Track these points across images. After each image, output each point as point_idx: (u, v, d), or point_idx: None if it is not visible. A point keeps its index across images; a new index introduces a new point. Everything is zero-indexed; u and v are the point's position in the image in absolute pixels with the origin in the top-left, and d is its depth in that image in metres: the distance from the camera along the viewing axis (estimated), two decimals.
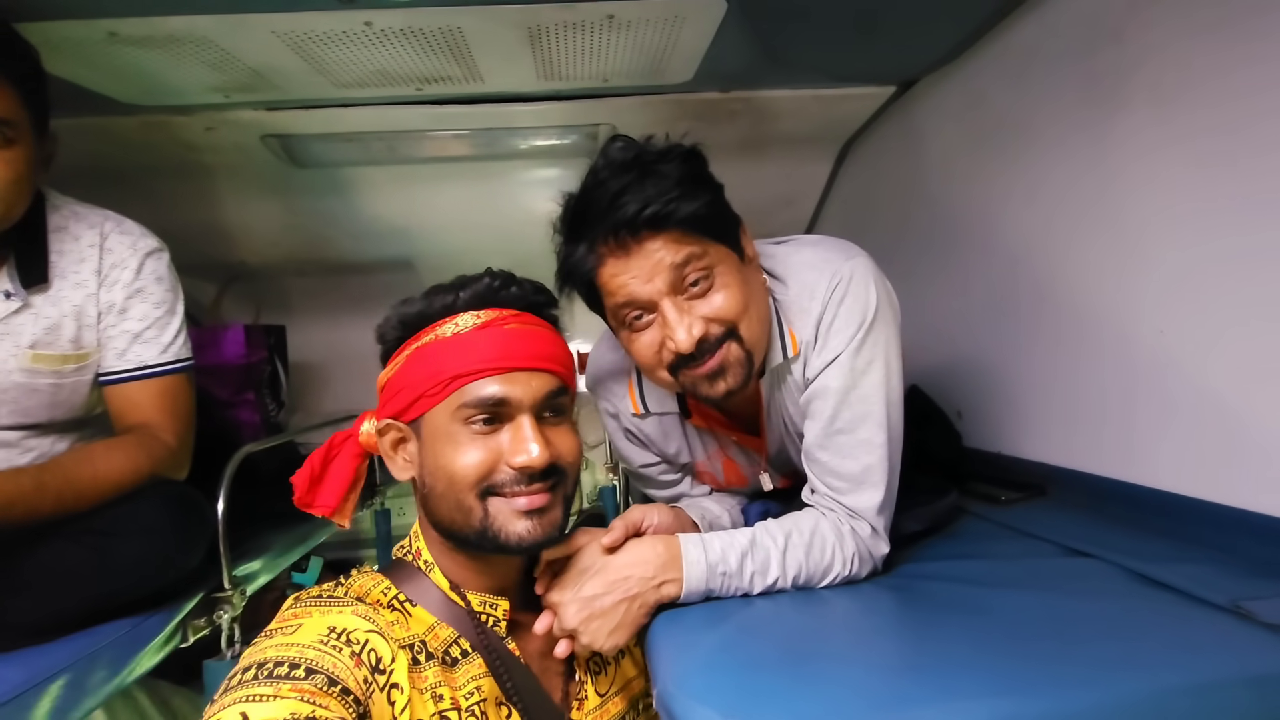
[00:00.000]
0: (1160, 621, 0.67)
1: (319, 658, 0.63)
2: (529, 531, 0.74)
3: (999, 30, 1.25)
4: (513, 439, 0.74)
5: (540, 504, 0.75)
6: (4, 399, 1.04)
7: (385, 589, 0.77)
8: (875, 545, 0.87)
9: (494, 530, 0.74)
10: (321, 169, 1.76)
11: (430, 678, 0.71)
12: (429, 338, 0.76)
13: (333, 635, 0.66)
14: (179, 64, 1.17)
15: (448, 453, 0.74)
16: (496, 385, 0.74)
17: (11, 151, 0.93)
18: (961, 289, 1.49)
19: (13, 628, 0.91)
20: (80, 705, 0.90)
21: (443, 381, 0.74)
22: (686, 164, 0.84)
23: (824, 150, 1.92)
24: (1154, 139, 0.97)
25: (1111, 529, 0.97)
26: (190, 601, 1.13)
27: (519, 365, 0.75)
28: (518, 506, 0.74)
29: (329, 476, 0.83)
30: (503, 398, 0.74)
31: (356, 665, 0.64)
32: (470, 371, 0.73)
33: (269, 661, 0.61)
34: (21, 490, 0.89)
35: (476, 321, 0.76)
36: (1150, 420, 1.01)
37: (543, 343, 0.79)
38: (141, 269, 1.11)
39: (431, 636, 0.75)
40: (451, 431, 0.74)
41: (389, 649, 0.68)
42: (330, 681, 0.61)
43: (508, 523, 0.74)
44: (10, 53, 0.93)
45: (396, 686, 0.67)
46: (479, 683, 0.75)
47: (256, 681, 0.59)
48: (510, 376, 0.74)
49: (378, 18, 1.06)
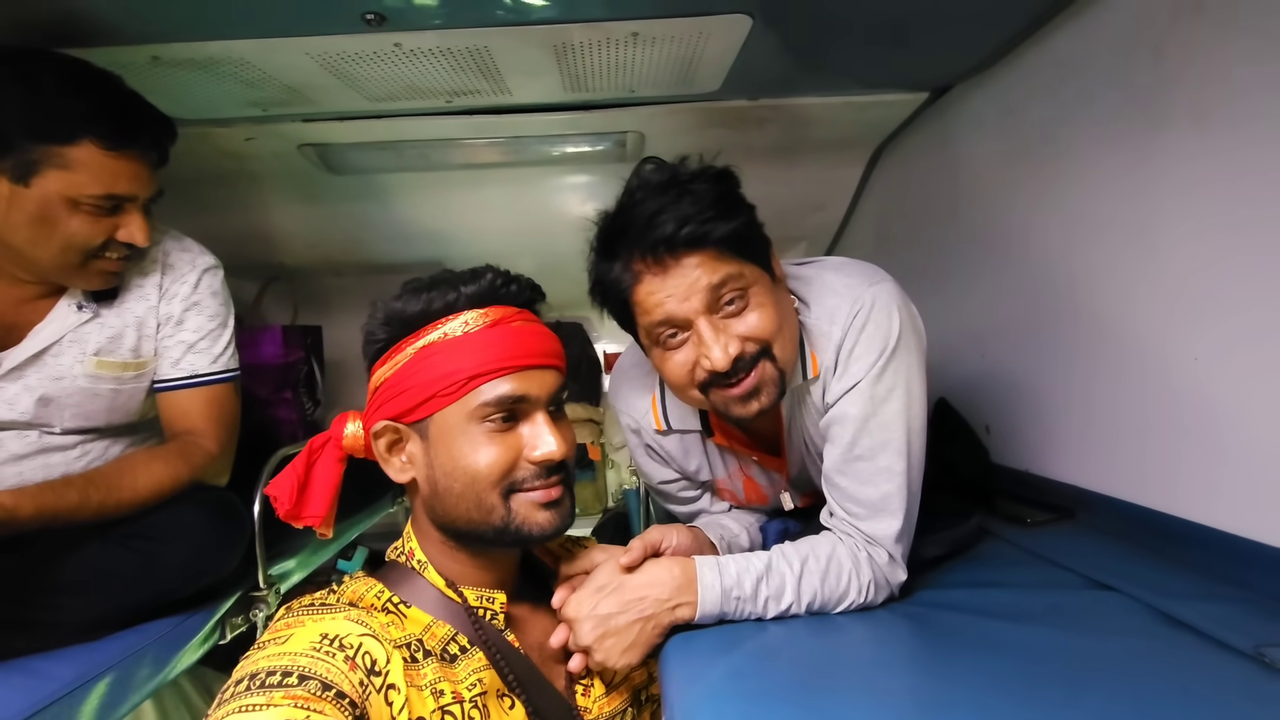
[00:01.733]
0: (1178, 665, 0.66)
1: (311, 664, 0.63)
2: (549, 522, 0.78)
3: (1035, 40, 1.22)
4: (533, 434, 0.77)
5: (557, 495, 0.78)
6: (68, 403, 1.10)
7: (378, 593, 0.78)
8: (892, 573, 0.87)
9: (516, 524, 0.76)
10: (356, 175, 1.80)
11: (429, 675, 0.71)
12: (435, 336, 0.76)
13: (325, 642, 0.66)
14: (219, 83, 1.21)
15: (466, 452, 0.75)
16: (514, 383, 0.75)
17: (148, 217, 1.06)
18: (993, 300, 1.46)
19: (63, 626, 0.96)
20: (126, 701, 0.96)
21: (459, 381, 0.74)
22: (721, 184, 0.84)
23: (855, 155, 1.89)
24: (1194, 155, 0.94)
25: (1137, 560, 0.95)
26: (228, 600, 1.18)
27: (532, 363, 0.77)
28: (537, 499, 0.77)
29: (314, 484, 0.82)
30: (522, 394, 0.76)
31: (351, 669, 0.64)
32: (488, 371, 0.75)
33: (260, 671, 0.61)
34: (68, 505, 0.94)
35: (485, 320, 0.76)
36: (1182, 448, 0.98)
37: (546, 339, 0.81)
38: (199, 284, 1.17)
39: (428, 635, 0.76)
40: (468, 430, 0.75)
41: (383, 651, 0.68)
42: (324, 686, 0.61)
43: (530, 515, 0.77)
44: (157, 139, 1.05)
45: (393, 687, 0.67)
46: (480, 675, 0.75)
47: (249, 692, 0.59)
48: (525, 374, 0.76)
49: (407, 39, 1.08)
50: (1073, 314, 1.21)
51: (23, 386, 1.06)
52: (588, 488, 4.26)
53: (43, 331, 1.06)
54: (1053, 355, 1.28)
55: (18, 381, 1.06)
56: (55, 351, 1.07)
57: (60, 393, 1.08)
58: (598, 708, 0.85)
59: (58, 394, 1.08)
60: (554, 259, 2.38)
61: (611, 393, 1.10)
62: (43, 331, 1.06)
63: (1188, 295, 0.96)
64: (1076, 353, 1.21)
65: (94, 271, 1.06)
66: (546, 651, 0.84)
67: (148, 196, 1.06)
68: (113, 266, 1.07)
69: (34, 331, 1.06)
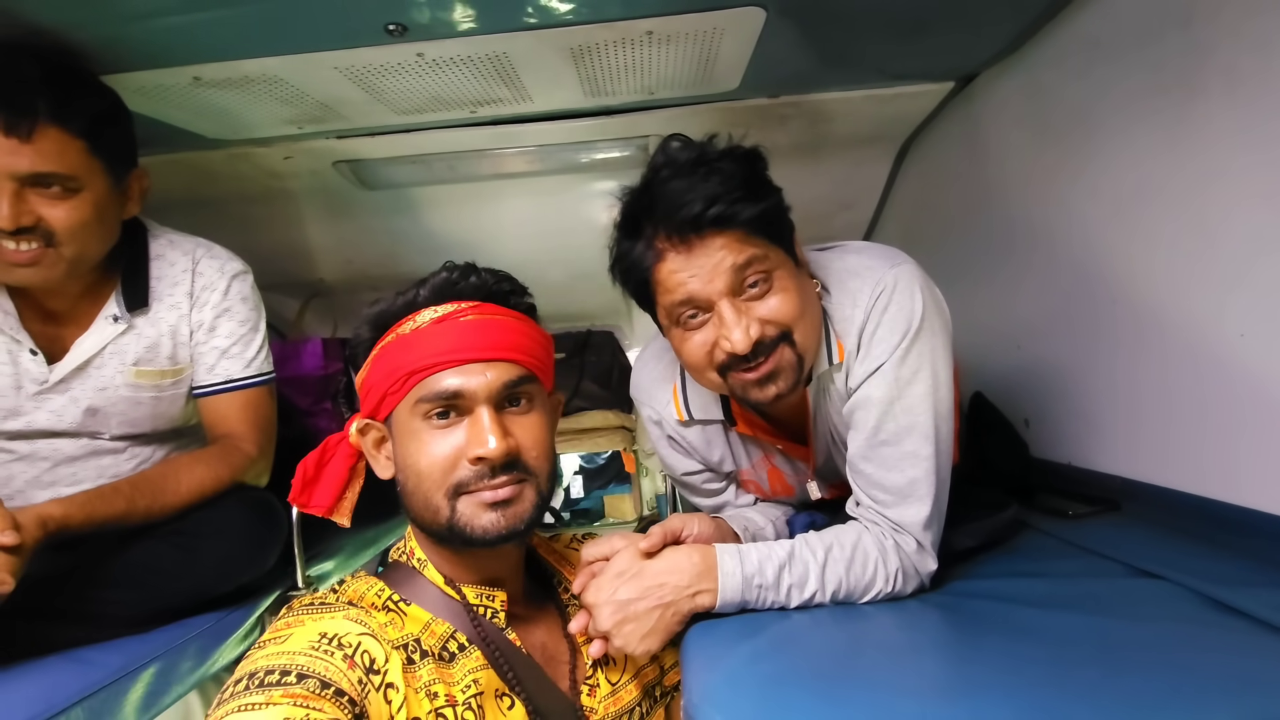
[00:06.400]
0: (1224, 651, 0.62)
1: (310, 663, 0.63)
2: (494, 524, 0.75)
3: (1060, 20, 1.19)
4: (470, 432, 0.75)
5: (506, 496, 0.75)
6: (113, 411, 1.15)
7: (379, 591, 0.78)
8: (921, 561, 0.84)
9: (460, 524, 0.75)
10: (389, 190, 1.86)
11: (424, 676, 0.71)
12: (392, 337, 0.78)
13: (324, 640, 0.67)
14: (256, 101, 1.26)
15: (412, 449, 0.76)
16: (451, 378, 0.74)
17: (77, 199, 0.98)
18: (1028, 290, 1.42)
19: (112, 619, 1.00)
20: (170, 691, 1.00)
21: (401, 378, 0.75)
22: (749, 164, 0.84)
23: (882, 151, 1.86)
24: (1230, 126, 0.90)
25: (1187, 548, 0.90)
26: (268, 598, 1.22)
27: (474, 357, 0.75)
28: (484, 500, 0.75)
29: (324, 477, 0.85)
30: (457, 390, 0.74)
31: (350, 667, 0.65)
32: (425, 366, 0.75)
33: (260, 671, 0.62)
34: (116, 511, 0.99)
35: (434, 316, 0.77)
36: (1232, 430, 0.93)
37: (503, 331, 0.78)
38: (229, 290, 1.20)
39: (427, 634, 0.76)
40: (414, 428, 0.76)
41: (382, 650, 0.69)
42: (323, 684, 0.62)
43: (474, 516, 0.75)
44: (74, 108, 0.96)
45: (392, 686, 0.67)
46: (476, 675, 0.75)
47: (248, 691, 0.60)
48: (465, 368, 0.75)
49: (428, 49, 1.11)
50: (1111, 299, 1.17)
51: (70, 398, 1.11)
52: (625, 500, 4.25)
53: (84, 344, 1.10)
54: (1093, 343, 1.23)
55: (65, 394, 1.11)
56: (98, 364, 1.12)
57: (105, 402, 1.13)
58: (603, 708, 0.84)
59: (103, 404, 1.13)
60: (583, 267, 2.41)
61: (633, 385, 1.10)
62: (84, 344, 1.10)
63: (1235, 270, 0.92)
64: (1119, 339, 1.16)
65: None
66: (550, 651, 0.84)
67: (24, 173, 0.93)
68: (10, 257, 0.97)
69: (76, 344, 1.10)
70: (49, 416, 1.10)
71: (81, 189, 0.99)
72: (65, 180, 0.97)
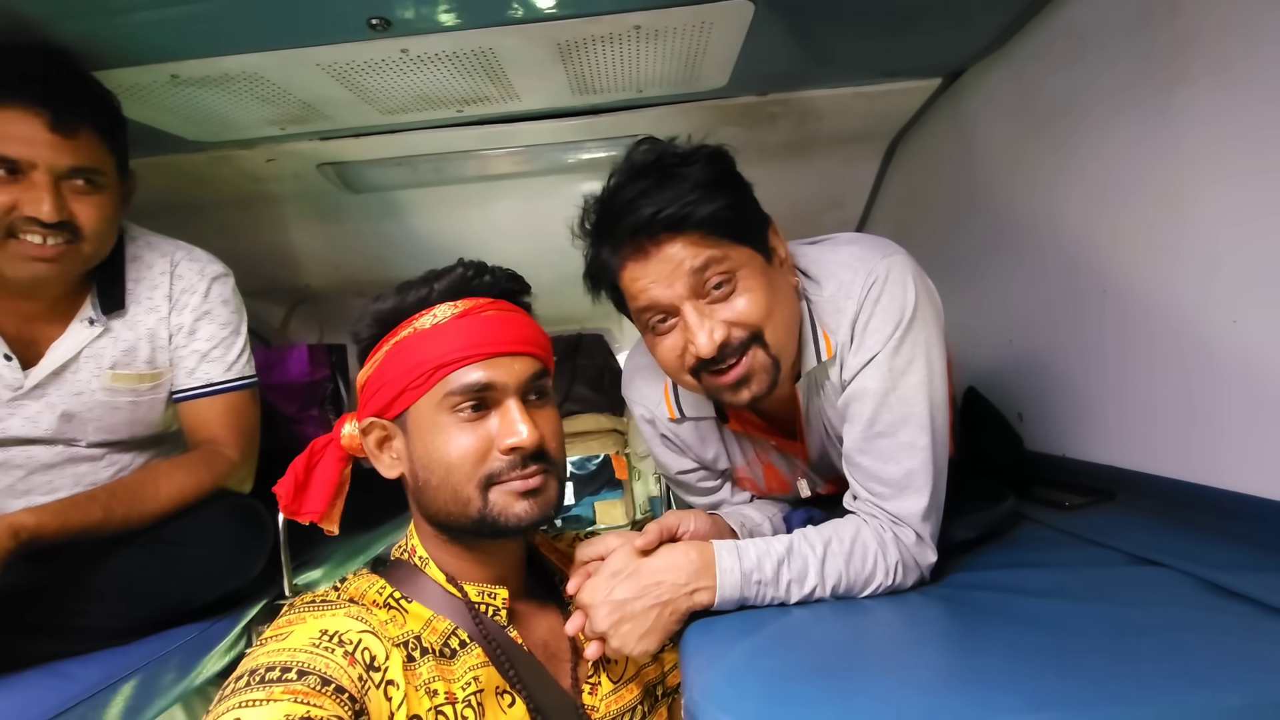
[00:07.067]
0: (1228, 635, 0.61)
1: (310, 660, 0.63)
2: (526, 512, 0.76)
3: (1046, 12, 1.19)
4: (502, 422, 0.76)
5: (536, 485, 0.77)
6: (90, 417, 1.12)
7: (380, 589, 0.78)
8: (921, 553, 0.83)
9: (493, 515, 0.75)
10: (375, 193, 1.83)
11: (424, 674, 0.71)
12: (407, 331, 0.77)
13: (324, 638, 0.67)
14: (236, 101, 1.24)
15: (439, 443, 0.75)
16: (481, 371, 0.75)
17: (101, 196, 1.01)
18: (1018, 285, 1.42)
19: (91, 631, 0.97)
20: (152, 705, 0.97)
21: (426, 372, 0.75)
22: (710, 166, 0.83)
23: (871, 149, 1.86)
24: (1217, 109, 0.90)
25: (1185, 535, 0.90)
26: (254, 608, 1.19)
27: (501, 350, 0.76)
28: (515, 489, 0.76)
29: (313, 483, 0.84)
30: (489, 382, 0.75)
31: (350, 664, 0.65)
32: (453, 360, 0.75)
33: (260, 667, 0.62)
34: (92, 520, 0.96)
35: (454, 311, 0.77)
36: (1227, 417, 0.93)
37: (521, 327, 0.80)
38: (209, 293, 1.18)
39: (428, 631, 0.76)
40: (439, 421, 0.76)
41: (383, 647, 0.69)
42: (323, 681, 0.62)
43: (507, 506, 0.76)
44: (97, 106, 1.01)
45: (392, 683, 0.67)
46: (477, 673, 0.75)
47: (249, 688, 0.60)
48: (494, 361, 0.76)
49: (412, 44, 1.10)
50: (1100, 290, 1.17)
51: (45, 404, 1.08)
52: (617, 506, 4.21)
53: (60, 348, 1.08)
54: (1083, 335, 1.23)
55: (40, 399, 1.08)
56: (74, 368, 1.09)
57: (81, 408, 1.10)
58: (605, 706, 0.83)
59: (79, 409, 1.10)
60: (573, 270, 2.39)
61: (625, 385, 1.09)
62: (60, 348, 1.08)
63: (1221, 256, 0.92)
64: (1108, 330, 1.16)
65: (13, 256, 0.97)
66: (552, 649, 0.83)
67: (65, 168, 0.96)
68: (36, 251, 0.97)
69: (52, 348, 1.08)
70: (23, 423, 1.07)
71: (105, 186, 1.02)
72: (95, 175, 1.00)
